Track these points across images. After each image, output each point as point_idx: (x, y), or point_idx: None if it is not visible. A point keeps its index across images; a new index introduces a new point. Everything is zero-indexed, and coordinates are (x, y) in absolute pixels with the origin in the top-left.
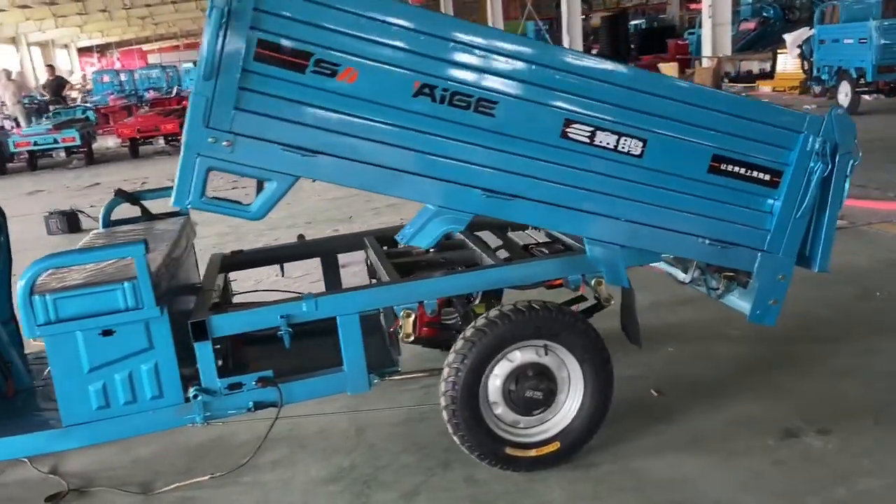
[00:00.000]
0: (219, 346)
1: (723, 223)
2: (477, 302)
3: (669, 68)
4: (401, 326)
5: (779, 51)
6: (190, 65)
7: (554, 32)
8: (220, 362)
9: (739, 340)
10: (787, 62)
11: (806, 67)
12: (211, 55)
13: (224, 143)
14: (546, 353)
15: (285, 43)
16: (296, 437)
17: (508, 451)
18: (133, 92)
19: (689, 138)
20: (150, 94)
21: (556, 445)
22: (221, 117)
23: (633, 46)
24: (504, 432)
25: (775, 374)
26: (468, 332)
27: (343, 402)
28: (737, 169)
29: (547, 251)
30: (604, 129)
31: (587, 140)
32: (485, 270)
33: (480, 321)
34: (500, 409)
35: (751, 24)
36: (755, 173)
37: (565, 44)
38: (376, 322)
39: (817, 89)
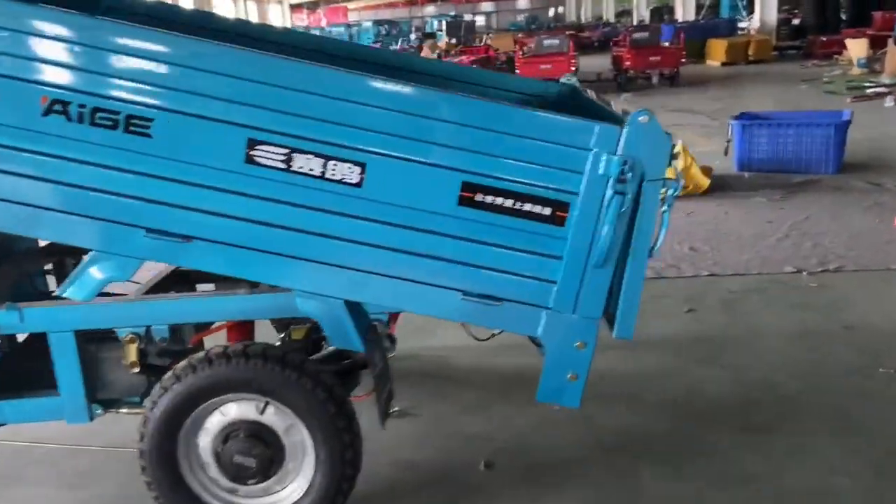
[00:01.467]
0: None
1: (484, 272)
2: None
3: (856, 45)
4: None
5: None
6: (369, 24)
7: None
8: None
9: (648, 407)
10: None
11: None
12: None
13: None
14: (265, 411)
15: None
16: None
17: None
18: None
19: (425, 160)
20: None
21: None
22: None
23: (843, 18)
24: (218, 500)
25: (650, 468)
26: (165, 376)
27: None
28: (500, 200)
29: None
30: (303, 152)
31: (282, 165)
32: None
33: (180, 365)
34: (215, 472)
35: None
36: (529, 206)
37: (756, 9)
38: None
39: None
